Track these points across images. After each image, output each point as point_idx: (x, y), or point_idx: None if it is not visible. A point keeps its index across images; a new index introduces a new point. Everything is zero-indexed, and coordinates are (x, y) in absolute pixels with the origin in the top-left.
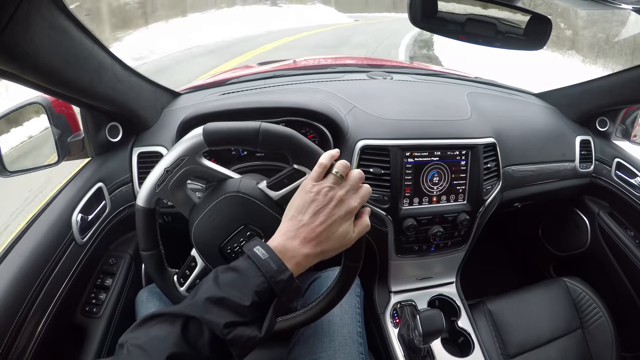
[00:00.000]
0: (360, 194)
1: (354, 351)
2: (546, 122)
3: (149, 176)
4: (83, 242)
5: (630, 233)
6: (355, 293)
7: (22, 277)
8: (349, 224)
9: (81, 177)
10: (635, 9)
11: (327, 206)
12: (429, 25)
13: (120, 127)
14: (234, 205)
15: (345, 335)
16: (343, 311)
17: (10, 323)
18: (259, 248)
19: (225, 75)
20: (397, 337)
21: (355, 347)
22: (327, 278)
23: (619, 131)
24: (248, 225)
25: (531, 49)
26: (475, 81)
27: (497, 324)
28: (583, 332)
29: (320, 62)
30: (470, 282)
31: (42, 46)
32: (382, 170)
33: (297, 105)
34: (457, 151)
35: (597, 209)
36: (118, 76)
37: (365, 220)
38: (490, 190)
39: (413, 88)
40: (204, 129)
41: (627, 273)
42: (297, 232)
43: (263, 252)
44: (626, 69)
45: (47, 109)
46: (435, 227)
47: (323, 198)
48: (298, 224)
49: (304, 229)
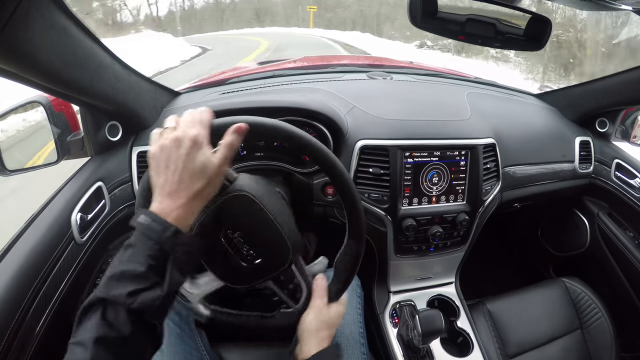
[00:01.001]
0: (195, 121)
1: (356, 352)
2: (546, 123)
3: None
4: (82, 241)
5: (630, 234)
6: (356, 294)
7: (22, 277)
8: (201, 153)
9: (81, 176)
10: (636, 9)
11: (170, 154)
12: (429, 25)
13: (119, 127)
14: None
15: (347, 335)
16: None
17: (10, 322)
18: (142, 216)
19: (225, 75)
20: (396, 337)
21: (358, 348)
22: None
23: (619, 132)
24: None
25: (531, 50)
26: (475, 81)
27: (497, 324)
28: (582, 333)
29: (320, 62)
30: (469, 282)
31: (42, 45)
32: (382, 171)
33: (297, 105)
34: (456, 151)
35: (597, 210)
36: (118, 75)
37: (226, 139)
38: (490, 191)
39: (413, 88)
40: None
41: (627, 274)
42: (162, 190)
43: (145, 218)
44: (626, 69)
45: (47, 108)
46: (434, 227)
47: (163, 150)
48: (160, 184)
49: (166, 185)
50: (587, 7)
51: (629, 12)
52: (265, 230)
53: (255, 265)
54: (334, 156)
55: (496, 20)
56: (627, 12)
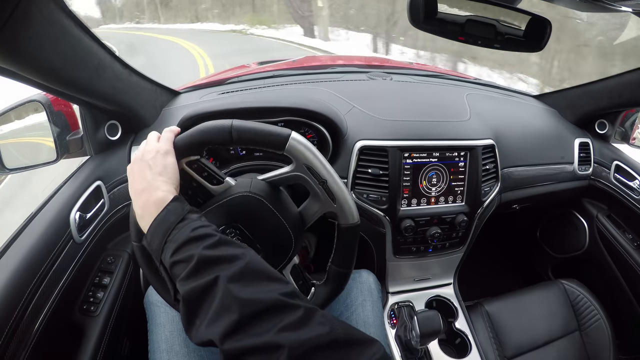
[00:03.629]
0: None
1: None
2: (545, 124)
3: None
4: (81, 240)
5: (629, 236)
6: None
7: (20, 275)
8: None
9: (80, 175)
10: (636, 11)
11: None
12: (429, 27)
13: (119, 126)
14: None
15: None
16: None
17: (8, 321)
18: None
19: (224, 75)
20: (394, 338)
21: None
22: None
23: (618, 134)
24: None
25: (530, 51)
26: (475, 82)
27: (495, 326)
28: (580, 334)
29: (319, 62)
30: (468, 284)
31: (42, 44)
32: (381, 171)
33: (296, 106)
34: (455, 152)
35: (596, 212)
36: (118, 74)
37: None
38: (489, 192)
39: (412, 89)
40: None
41: (625, 275)
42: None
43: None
44: (625, 71)
45: (47, 107)
46: (433, 228)
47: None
48: (134, 189)
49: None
50: (586, 8)
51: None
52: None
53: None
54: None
55: (496, 21)
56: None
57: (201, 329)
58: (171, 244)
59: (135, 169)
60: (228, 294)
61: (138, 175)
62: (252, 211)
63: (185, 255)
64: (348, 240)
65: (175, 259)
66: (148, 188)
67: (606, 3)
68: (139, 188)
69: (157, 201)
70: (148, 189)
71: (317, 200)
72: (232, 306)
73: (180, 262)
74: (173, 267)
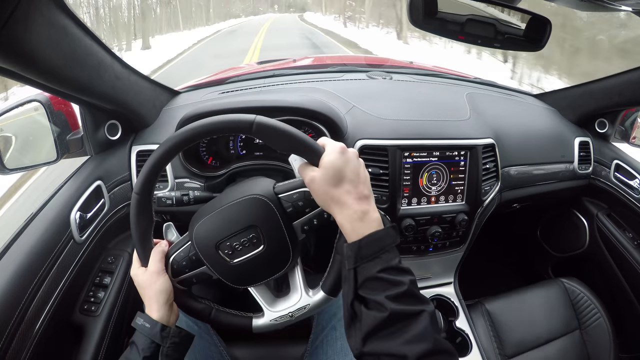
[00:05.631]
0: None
1: None
2: (545, 123)
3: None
4: (81, 240)
5: (629, 234)
6: None
7: (21, 275)
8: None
9: (80, 175)
10: (636, 10)
11: (142, 284)
12: (429, 26)
13: (119, 126)
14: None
15: None
16: None
17: (9, 321)
18: (138, 318)
19: (224, 74)
20: None
21: None
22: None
23: (618, 133)
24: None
25: (530, 50)
26: (475, 82)
27: (495, 324)
28: (581, 333)
29: (319, 62)
30: (468, 283)
31: (42, 44)
32: (381, 170)
33: (296, 105)
34: (455, 152)
35: (596, 211)
36: (118, 74)
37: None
38: (489, 191)
39: (412, 88)
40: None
41: (625, 274)
42: (145, 299)
43: (139, 319)
44: (626, 70)
45: (46, 107)
46: (433, 227)
47: (135, 280)
48: (144, 296)
49: (145, 298)
50: (586, 7)
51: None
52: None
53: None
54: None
55: (496, 21)
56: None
57: (392, 344)
58: (382, 260)
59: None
60: (428, 328)
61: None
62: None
63: (395, 279)
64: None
65: (383, 275)
66: None
67: (606, 3)
68: None
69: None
70: None
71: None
72: (426, 335)
73: (386, 282)
74: (373, 279)
